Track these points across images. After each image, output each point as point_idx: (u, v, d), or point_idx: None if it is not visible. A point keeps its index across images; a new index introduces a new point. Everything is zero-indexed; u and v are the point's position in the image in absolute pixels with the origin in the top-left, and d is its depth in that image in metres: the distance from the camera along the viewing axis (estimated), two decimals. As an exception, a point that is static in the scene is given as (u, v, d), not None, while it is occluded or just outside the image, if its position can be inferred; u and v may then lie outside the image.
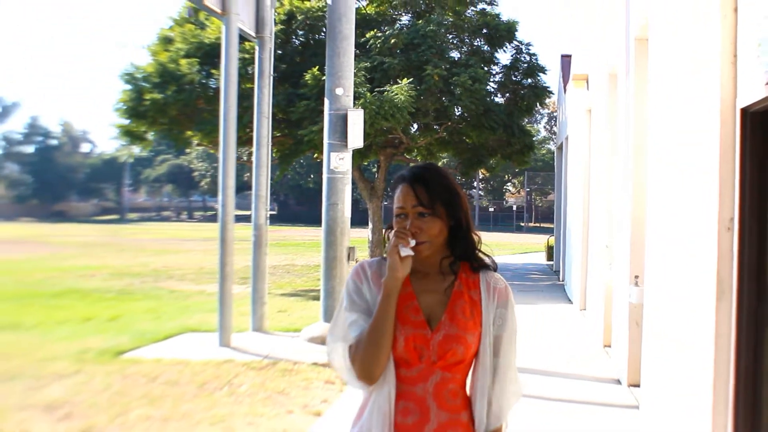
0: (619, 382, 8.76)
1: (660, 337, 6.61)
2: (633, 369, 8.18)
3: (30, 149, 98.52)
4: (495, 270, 2.67)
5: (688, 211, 5.61)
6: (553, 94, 24.06)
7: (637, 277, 7.88)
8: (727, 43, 4.77)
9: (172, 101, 20.44)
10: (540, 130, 71.95)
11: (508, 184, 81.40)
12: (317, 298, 14.32)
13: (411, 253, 2.45)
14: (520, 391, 2.65)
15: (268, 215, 12.41)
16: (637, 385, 7.85)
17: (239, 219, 10.83)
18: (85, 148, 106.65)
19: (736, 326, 4.70)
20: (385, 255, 2.58)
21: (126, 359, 9.82)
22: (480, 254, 2.65)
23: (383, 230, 2.66)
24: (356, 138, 10.95)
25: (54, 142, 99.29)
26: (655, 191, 6.92)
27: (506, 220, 72.28)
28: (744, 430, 4.63)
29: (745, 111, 4.58)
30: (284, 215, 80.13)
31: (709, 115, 4.97)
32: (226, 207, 11.03)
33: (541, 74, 22.16)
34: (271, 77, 12.53)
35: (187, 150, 29.23)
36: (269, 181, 12.47)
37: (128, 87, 21.24)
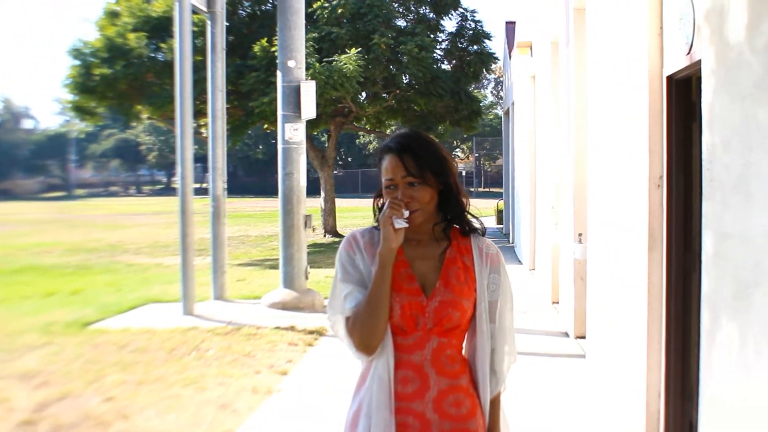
0: (566, 334, 9.29)
1: (601, 289, 7.13)
2: (579, 321, 8.69)
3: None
4: (484, 234, 2.68)
5: (622, 170, 6.10)
6: (498, 60, 24.55)
7: (580, 234, 8.37)
8: (654, 17, 5.22)
9: (121, 76, 20.55)
10: (487, 95, 72.48)
11: (457, 149, 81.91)
12: (274, 267, 14.70)
13: (405, 224, 2.45)
14: (515, 354, 2.70)
15: (225, 186, 12.71)
16: (583, 337, 8.38)
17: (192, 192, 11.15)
18: (28, 124, 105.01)
19: (666, 273, 5.20)
20: (375, 224, 2.62)
21: (93, 330, 10.12)
22: (469, 217, 2.65)
23: (373, 200, 2.75)
24: (309, 109, 11.28)
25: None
26: (595, 153, 7.40)
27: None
28: (675, 367, 5.14)
29: (670, 78, 5.05)
30: (233, 187, 79.01)
31: (638, 83, 5.43)
32: (185, 179, 11.30)
33: (486, 41, 22.66)
34: (224, 51, 12.76)
35: (134, 124, 29.00)
36: (225, 153, 12.76)
37: (76, 62, 21.25)
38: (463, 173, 74.91)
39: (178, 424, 6.20)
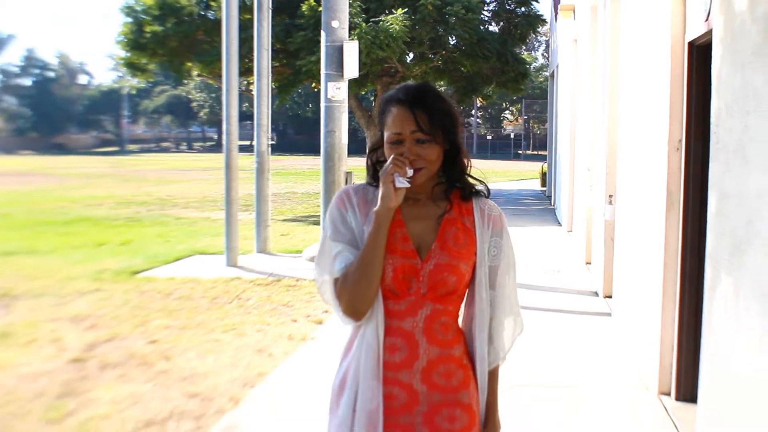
0: (596, 294, 9.50)
1: (626, 249, 7.34)
2: (607, 281, 8.90)
3: (27, 82, 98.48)
4: (488, 196, 2.51)
5: (646, 133, 6.28)
6: (546, 22, 24.44)
7: (611, 196, 8.56)
8: (678, -16, 5.38)
9: (171, 33, 20.85)
10: (537, 57, 71.93)
11: (506, 111, 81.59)
12: (317, 223, 15.08)
13: (407, 184, 2.28)
14: (520, 325, 2.53)
15: (270, 143, 13.04)
16: (611, 296, 8.61)
17: (239, 149, 11.51)
18: (82, 79, 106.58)
19: (682, 233, 5.41)
20: (370, 181, 2.48)
21: (141, 278, 10.57)
22: (471, 179, 2.49)
23: (367, 154, 2.56)
24: (351, 68, 11.51)
25: (51, 74, 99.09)
26: (624, 117, 7.57)
27: (504, 148, 72.69)
28: (688, 323, 5.36)
29: (691, 44, 5.22)
30: (283, 145, 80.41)
31: (662, 48, 5.60)
32: (230, 135, 11.67)
33: (534, 2, 22.54)
34: (270, 10, 13.02)
35: (185, 81, 29.57)
36: (270, 111, 13.06)
37: (128, 20, 21.63)
38: (512, 135, 74.66)
39: (216, 365, 6.57)
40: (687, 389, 5.38)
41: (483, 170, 2.56)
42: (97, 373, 6.40)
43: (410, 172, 2.29)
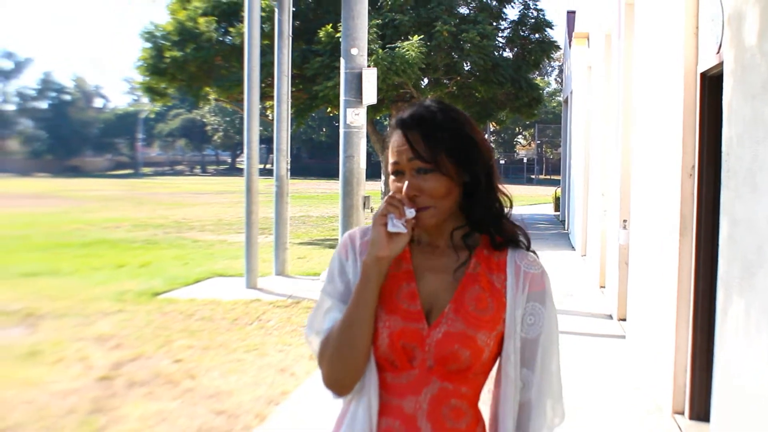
0: (610, 317, 9.64)
1: (641, 273, 7.50)
2: (622, 304, 9.05)
3: (44, 105, 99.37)
4: (528, 248, 1.98)
5: (659, 160, 6.47)
6: (560, 48, 24.71)
7: (625, 221, 8.72)
8: (691, 16, 5.58)
9: (191, 58, 21.18)
10: (551, 82, 72.25)
11: (519, 136, 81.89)
12: (333, 246, 15.24)
13: (403, 229, 1.83)
14: (561, 414, 1.97)
15: (289, 167, 13.28)
16: (625, 319, 8.75)
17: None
18: (98, 103, 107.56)
19: (695, 257, 5.58)
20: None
21: (162, 299, 10.77)
22: (507, 224, 1.97)
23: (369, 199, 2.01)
24: (370, 95, 11.74)
25: (67, 97, 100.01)
26: (638, 143, 7.76)
27: (517, 173, 72.93)
28: (701, 344, 5.52)
29: (703, 75, 5.41)
30: (296, 169, 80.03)
31: (675, 77, 5.80)
32: (251, 159, 11.90)
33: (548, 29, 22.81)
34: (290, 37, 13.29)
35: (201, 105, 30.04)
36: (289, 136, 13.31)
37: (148, 45, 21.99)
38: (525, 160, 74.86)
39: (240, 384, 6.74)
40: (700, 408, 5.52)
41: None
42: (124, 390, 6.58)
43: (410, 213, 1.83)
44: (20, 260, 14.78)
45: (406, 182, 1.85)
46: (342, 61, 12.03)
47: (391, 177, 1.92)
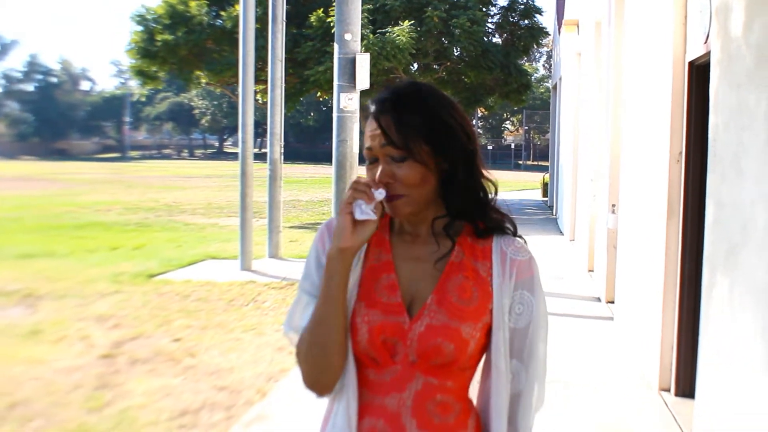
0: (599, 299, 9.86)
1: (629, 256, 7.73)
2: (610, 287, 9.27)
3: (30, 87, 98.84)
4: (515, 234, 1.87)
5: (647, 146, 6.68)
6: (549, 34, 24.88)
7: (614, 205, 8.93)
8: (680, 7, 5.78)
9: (182, 42, 21.24)
10: (539, 68, 72.50)
11: (507, 122, 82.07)
12: (325, 229, 15.42)
13: (372, 216, 1.72)
14: (542, 398, 1.91)
15: (282, 151, 13.43)
16: (613, 302, 8.98)
17: (233, 157, 11.91)
18: (85, 85, 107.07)
19: (681, 240, 5.80)
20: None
21: (158, 281, 10.95)
22: (492, 211, 1.86)
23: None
24: (363, 80, 11.88)
25: (54, 80, 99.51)
26: (627, 130, 7.97)
27: (505, 158, 73.05)
28: (686, 323, 5.74)
29: (691, 64, 5.60)
30: (284, 153, 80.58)
31: (664, 66, 5.99)
32: (245, 143, 12.08)
33: (537, 15, 22.98)
34: (284, 22, 13.42)
35: (194, 89, 30.04)
36: (283, 120, 13.46)
37: (139, 28, 22.04)
38: (512, 146, 75.07)
39: (240, 362, 6.94)
40: (686, 385, 5.75)
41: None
42: (127, 368, 6.76)
43: (380, 195, 1.72)
44: (15, 242, 14.91)
45: (380, 168, 1.75)
46: (335, 46, 12.17)
47: (366, 163, 1.81)
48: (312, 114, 77.65)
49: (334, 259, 1.75)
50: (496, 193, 1.89)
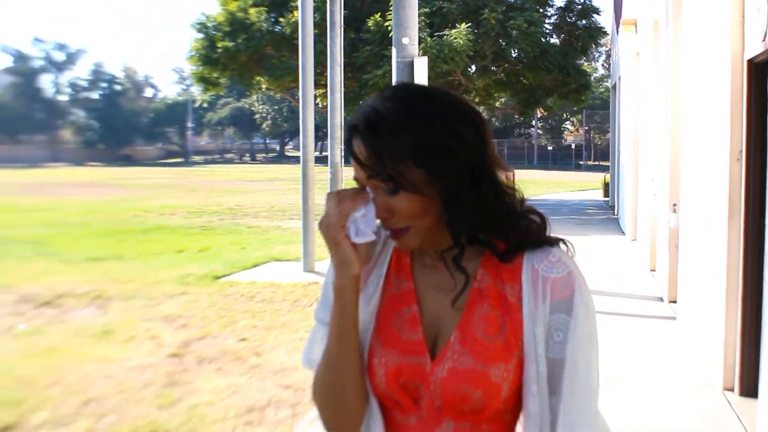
0: (661, 299, 9.82)
1: (691, 255, 7.70)
2: (672, 287, 9.23)
3: (95, 95, 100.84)
4: (554, 244, 1.56)
5: (707, 145, 6.67)
6: (607, 34, 24.71)
7: (675, 204, 8.90)
8: (737, 5, 5.78)
9: (242, 48, 21.63)
10: (598, 68, 71.82)
11: (567, 122, 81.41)
12: (385, 231, 15.57)
13: (371, 237, 1.48)
14: None
15: (342, 154, 13.60)
16: (675, 301, 8.95)
17: (295, 160, 12.16)
18: (148, 93, 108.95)
19: (743, 239, 5.78)
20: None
21: (223, 282, 11.19)
22: (519, 223, 1.54)
23: None
24: (422, 83, 12.02)
25: (118, 87, 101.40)
26: (687, 130, 7.95)
27: (565, 159, 72.46)
28: (750, 323, 5.73)
29: (750, 62, 5.60)
30: (344, 156, 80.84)
31: (723, 64, 5.99)
32: (306, 147, 12.29)
33: (595, 15, 22.86)
34: (342, 27, 13.59)
35: (253, 94, 30.46)
36: (342, 123, 13.63)
37: (200, 35, 22.49)
38: (573, 146, 74.42)
39: (304, 361, 7.08)
40: (749, 385, 5.73)
41: (522, 180, 1.54)
42: (195, 366, 6.97)
43: (363, 211, 1.47)
44: (84, 246, 15.32)
45: (376, 200, 1.47)
46: (393, 50, 12.29)
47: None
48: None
49: (346, 291, 1.51)
50: (522, 201, 1.57)
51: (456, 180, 1.44)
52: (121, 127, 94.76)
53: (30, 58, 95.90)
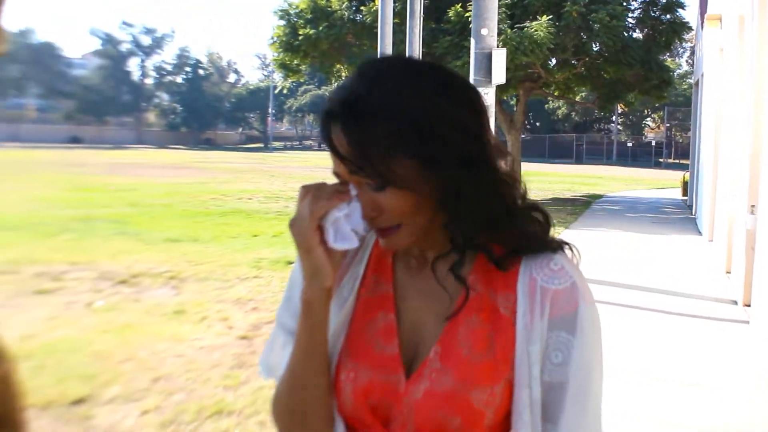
0: (735, 302, 9.63)
1: (767, 258, 7.55)
2: (747, 290, 9.05)
3: (179, 79, 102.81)
4: (557, 249, 1.34)
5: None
6: (692, 29, 24.21)
7: (753, 206, 8.73)
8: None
9: (323, 36, 21.83)
10: (682, 64, 70.33)
11: (648, 118, 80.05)
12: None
13: (355, 243, 1.29)
14: None
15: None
16: (750, 305, 8.78)
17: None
18: (231, 78, 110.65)
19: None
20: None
21: (295, 268, 11.34)
22: (519, 223, 1.33)
23: None
24: (499, 75, 11.97)
25: (202, 72, 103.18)
26: (768, 129, 7.79)
27: (645, 155, 71.31)
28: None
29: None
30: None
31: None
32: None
33: (679, 10, 22.43)
34: (422, 17, 13.64)
35: (334, 81, 30.64)
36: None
37: (282, 22, 22.77)
38: (653, 143, 73.15)
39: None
40: (819, 392, 5.63)
41: (600, 176, 1.27)
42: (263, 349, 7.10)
43: (344, 207, 1.28)
44: (164, 227, 15.68)
45: (361, 197, 1.28)
46: (472, 41, 12.30)
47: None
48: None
49: (315, 305, 1.31)
50: (524, 196, 1.35)
51: (453, 172, 1.24)
52: (204, 111, 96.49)
53: (118, 42, 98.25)
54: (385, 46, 12.37)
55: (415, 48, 13.52)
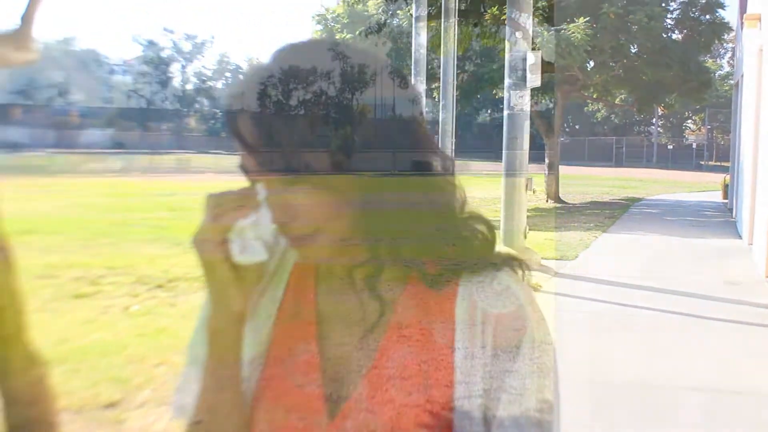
0: (775, 307, 9.53)
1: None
2: (786, 294, 8.95)
3: (220, 85, 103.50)
4: (502, 266, 1.12)
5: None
6: (732, 30, 23.94)
7: (791, 208, 8.62)
8: None
9: (360, 40, 21.89)
10: (723, 65, 69.46)
11: (689, 121, 79.18)
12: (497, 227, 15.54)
13: (262, 255, 1.09)
14: None
15: (453, 148, 13.68)
16: (789, 308, 8.68)
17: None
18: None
19: None
20: None
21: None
22: (460, 233, 1.13)
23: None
24: (534, 78, 11.94)
25: (242, 77, 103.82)
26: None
27: (685, 158, 70.52)
28: None
29: None
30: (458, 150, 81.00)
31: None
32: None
33: (719, 10, 22.20)
34: (456, 20, 13.65)
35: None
36: (454, 117, 13.70)
37: (319, 27, 22.95)
38: (694, 145, 72.36)
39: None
40: None
41: (657, 180, 1.01)
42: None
43: (262, 191, 1.09)
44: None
45: (268, 203, 1.08)
46: (507, 44, 12.28)
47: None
48: (489, 111, 77.64)
49: (224, 334, 1.13)
50: (464, 203, 1.16)
51: (372, 168, 1.05)
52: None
53: (160, 48, 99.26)
54: (418, 47, 12.38)
55: (449, 51, 13.54)
